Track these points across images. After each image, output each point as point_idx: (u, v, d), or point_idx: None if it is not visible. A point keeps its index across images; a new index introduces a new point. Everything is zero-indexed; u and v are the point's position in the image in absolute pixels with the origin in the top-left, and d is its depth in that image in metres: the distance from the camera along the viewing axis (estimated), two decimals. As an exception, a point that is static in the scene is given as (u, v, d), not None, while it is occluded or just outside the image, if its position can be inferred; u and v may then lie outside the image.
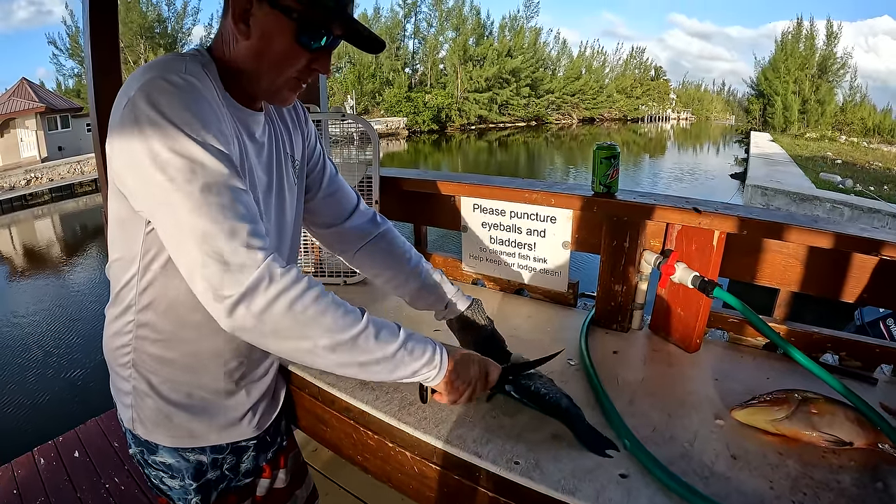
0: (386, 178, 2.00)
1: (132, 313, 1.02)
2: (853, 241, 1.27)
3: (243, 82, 0.98)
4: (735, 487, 0.95)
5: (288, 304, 0.82)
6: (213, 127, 0.85)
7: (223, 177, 0.83)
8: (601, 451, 1.05)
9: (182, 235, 0.81)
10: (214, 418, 1.11)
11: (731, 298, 1.27)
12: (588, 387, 1.28)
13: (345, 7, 0.94)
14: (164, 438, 1.08)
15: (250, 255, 0.81)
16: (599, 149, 1.52)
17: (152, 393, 1.06)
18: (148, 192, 0.84)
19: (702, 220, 1.38)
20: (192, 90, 0.85)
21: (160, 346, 1.04)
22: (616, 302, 1.57)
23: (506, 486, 1.02)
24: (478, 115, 51.24)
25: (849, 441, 1.04)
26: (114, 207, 0.97)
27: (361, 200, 1.36)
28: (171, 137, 0.80)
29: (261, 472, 1.27)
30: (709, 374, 1.35)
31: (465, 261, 1.95)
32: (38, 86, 28.27)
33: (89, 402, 5.91)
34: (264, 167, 1.06)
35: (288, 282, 0.82)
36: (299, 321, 0.83)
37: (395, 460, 1.22)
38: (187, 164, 0.80)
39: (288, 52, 0.93)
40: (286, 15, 0.89)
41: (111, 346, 1.08)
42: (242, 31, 0.92)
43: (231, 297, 0.79)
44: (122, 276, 1.01)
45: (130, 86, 0.85)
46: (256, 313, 0.80)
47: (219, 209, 0.81)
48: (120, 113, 0.84)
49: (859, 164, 22.48)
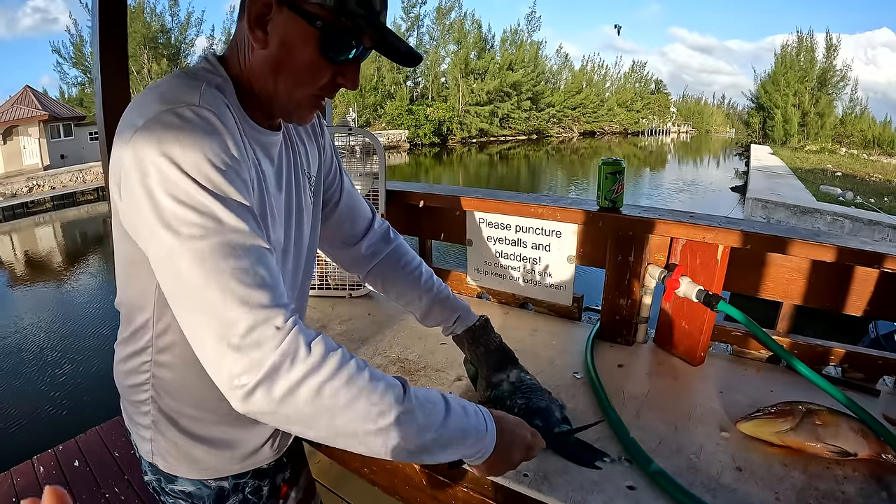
0: (392, 191, 2.03)
1: (149, 354, 0.94)
2: (855, 255, 1.29)
3: (260, 99, 0.88)
4: (741, 499, 0.96)
5: (315, 390, 0.69)
6: (231, 173, 0.74)
7: (241, 235, 0.72)
8: (591, 463, 1.06)
9: (188, 305, 0.71)
10: (237, 450, 1.05)
11: (736, 312, 1.29)
12: (594, 400, 1.29)
13: (377, 15, 0.83)
14: (185, 471, 1.02)
15: (270, 331, 0.69)
16: (605, 164, 1.54)
17: (172, 429, 0.99)
18: (151, 246, 0.73)
19: (706, 235, 1.40)
20: (208, 128, 0.74)
21: (181, 387, 0.96)
22: (621, 316, 1.59)
23: (515, 499, 1.03)
24: (479, 128, 51.35)
25: (853, 452, 1.05)
26: (121, 248, 0.87)
27: (376, 215, 1.31)
28: (178, 185, 0.69)
29: (279, 492, 1.23)
30: (714, 387, 1.36)
31: (469, 274, 1.97)
32: (41, 94, 28.47)
33: (89, 411, 5.91)
34: (282, 191, 0.98)
35: (316, 360, 0.69)
36: (326, 409, 0.69)
37: (404, 473, 1.23)
38: (199, 217, 0.69)
39: (310, 64, 0.82)
40: (310, 22, 0.78)
41: (127, 383, 1.00)
42: (259, 39, 0.81)
43: (246, 385, 0.67)
44: (135, 317, 0.93)
45: (137, 114, 0.74)
46: (277, 399, 0.68)
47: (231, 275, 0.69)
48: (123, 145, 0.73)
49: (859, 176, 22.54)
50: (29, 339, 8.36)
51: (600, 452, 1.09)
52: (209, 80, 0.82)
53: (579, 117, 64.18)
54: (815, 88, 49.94)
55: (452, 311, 1.29)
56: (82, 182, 23.72)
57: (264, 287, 0.71)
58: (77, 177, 23.84)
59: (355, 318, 1.82)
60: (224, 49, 0.90)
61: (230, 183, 0.73)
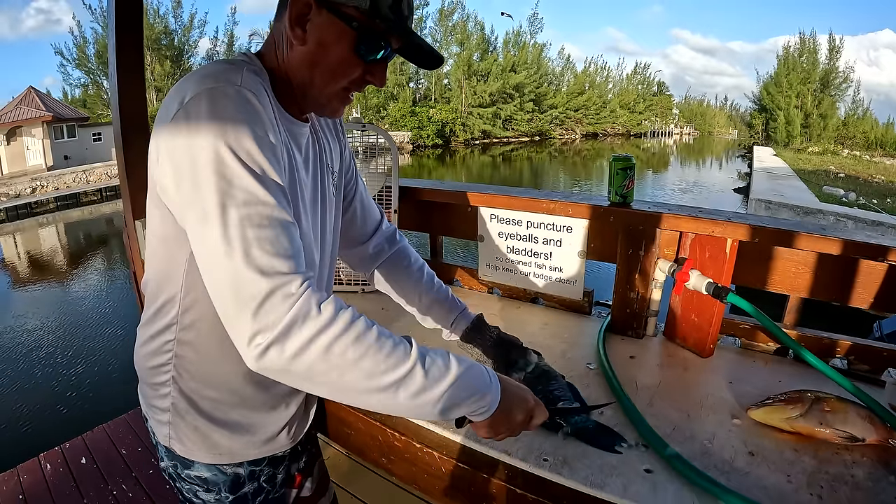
0: (404, 188, 2.06)
1: (173, 332, 0.98)
2: (860, 248, 1.32)
3: (294, 92, 0.94)
4: (755, 482, 0.99)
5: (325, 347, 0.73)
6: (266, 150, 0.79)
7: (270, 208, 0.77)
8: (611, 447, 1.10)
9: (212, 266, 0.76)
10: (255, 434, 1.08)
11: (745, 303, 1.32)
12: (608, 389, 1.32)
13: (405, 20, 0.90)
14: (203, 455, 1.05)
15: (285, 295, 0.73)
16: (616, 160, 1.57)
17: (192, 411, 1.02)
18: (186, 212, 0.79)
19: (715, 229, 1.44)
20: (250, 106, 0.80)
21: (202, 365, 1.00)
22: (632, 309, 1.62)
23: (535, 483, 1.07)
24: (482, 129, 51.46)
25: (861, 437, 1.08)
26: (155, 221, 0.92)
27: (384, 217, 1.36)
28: (219, 155, 0.75)
29: (293, 481, 1.25)
30: (723, 378, 1.39)
31: (480, 270, 2.00)
32: (45, 95, 28.63)
33: (96, 409, 5.96)
34: (310, 181, 1.03)
35: (326, 319, 0.74)
36: (336, 365, 0.74)
37: (423, 461, 1.26)
38: (231, 187, 0.75)
39: (344, 61, 0.89)
40: (346, 23, 0.86)
41: (148, 364, 1.04)
42: (298, 37, 0.88)
43: (261, 345, 0.72)
44: (162, 293, 0.97)
45: (183, 91, 0.80)
46: (289, 356, 0.72)
47: (256, 242, 0.75)
48: (169, 119, 0.79)
49: (862, 177, 22.52)
50: (34, 339, 8.40)
51: (620, 437, 1.12)
52: (249, 67, 0.88)
53: (582, 119, 64.28)
54: (817, 90, 49.87)
55: (450, 311, 1.32)
56: (86, 183, 23.84)
57: (285, 256, 0.76)
58: (80, 177, 23.95)
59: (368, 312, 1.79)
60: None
61: (266, 159, 0.79)
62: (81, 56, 40.82)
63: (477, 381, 0.86)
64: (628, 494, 0.97)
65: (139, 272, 2.32)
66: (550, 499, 1.05)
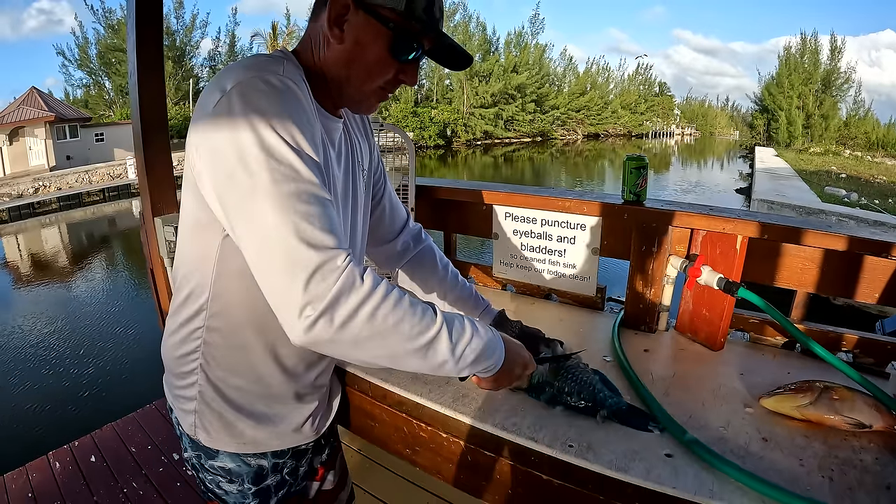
0: (420, 186, 2.11)
1: (202, 319, 1.00)
2: (865, 244, 1.38)
3: (330, 88, 0.98)
4: (769, 465, 1.05)
5: (369, 314, 0.78)
6: (307, 134, 0.83)
7: (313, 185, 0.80)
8: (644, 426, 1.16)
9: (261, 240, 0.78)
10: (279, 425, 1.10)
11: (755, 297, 1.38)
12: (625, 380, 1.37)
13: (437, 22, 0.94)
14: (227, 445, 1.07)
15: (332, 268, 0.76)
16: (630, 160, 1.63)
17: (218, 399, 1.04)
18: (230, 191, 0.81)
19: (725, 226, 1.49)
20: (291, 94, 0.84)
21: (230, 353, 1.02)
22: (644, 304, 1.67)
23: (560, 468, 1.12)
24: (483, 130, 51.44)
25: (868, 424, 1.13)
26: (189, 209, 0.95)
27: (411, 216, 1.39)
28: (265, 136, 0.78)
29: (315, 474, 1.27)
30: (734, 370, 1.44)
31: (495, 267, 2.05)
32: (47, 95, 28.67)
33: (103, 408, 6.00)
34: (342, 176, 1.06)
35: (368, 288, 0.78)
36: (379, 330, 0.79)
37: (448, 450, 1.30)
38: (279, 165, 0.78)
39: (380, 60, 0.93)
40: (383, 24, 0.89)
41: (175, 353, 1.06)
42: (336, 36, 0.92)
43: (311, 316, 0.75)
44: (192, 279, 0.99)
45: (224, 81, 0.83)
46: (338, 325, 0.76)
47: (303, 218, 0.77)
48: (210, 108, 0.82)
49: (864, 177, 22.58)
50: (41, 339, 8.44)
51: (651, 417, 1.18)
52: (289, 60, 0.93)
53: (583, 119, 64.21)
54: (819, 90, 49.86)
55: (474, 308, 1.37)
56: (88, 183, 23.90)
57: (331, 231, 0.80)
58: (83, 178, 24.03)
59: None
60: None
61: (308, 142, 0.83)
62: (83, 56, 40.77)
63: (492, 339, 0.96)
64: (651, 477, 1.02)
65: (158, 269, 2.36)
66: (576, 483, 1.10)
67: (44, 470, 2.72)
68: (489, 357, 0.95)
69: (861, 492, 0.98)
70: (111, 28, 39.08)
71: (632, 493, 1.04)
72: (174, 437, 2.88)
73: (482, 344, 0.93)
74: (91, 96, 41.31)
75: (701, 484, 1.00)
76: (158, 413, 3.20)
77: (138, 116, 2.05)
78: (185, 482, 2.60)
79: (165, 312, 2.27)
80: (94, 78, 41.54)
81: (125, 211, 21.20)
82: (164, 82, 2.14)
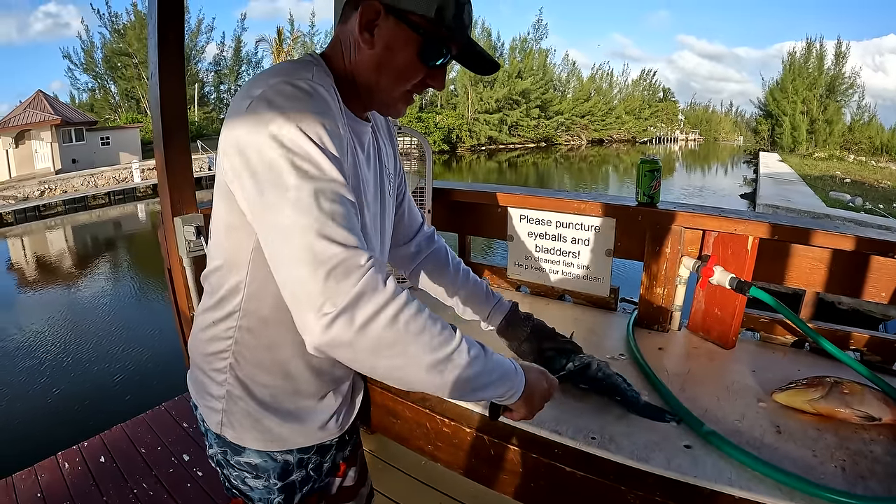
0: (437, 189, 2.16)
1: (235, 319, 1.01)
2: (873, 244, 1.43)
3: (359, 92, 0.99)
4: (784, 455, 1.09)
5: (392, 317, 0.76)
6: (335, 139, 0.83)
7: (340, 186, 0.81)
8: (661, 418, 1.21)
9: (283, 235, 0.78)
10: (305, 422, 1.11)
11: (766, 296, 1.42)
12: (642, 377, 1.42)
13: (466, 28, 0.96)
14: (254, 442, 1.07)
15: (355, 266, 0.76)
16: (644, 163, 1.68)
17: (246, 397, 1.05)
18: (255, 188, 0.81)
19: (737, 227, 1.53)
20: (319, 97, 0.85)
21: (261, 352, 1.03)
22: (658, 304, 1.72)
23: (583, 460, 1.16)
24: (488, 136, 51.48)
25: (878, 417, 1.18)
26: (221, 212, 0.96)
27: (425, 219, 1.42)
28: (291, 135, 0.79)
29: (338, 470, 1.28)
30: (746, 367, 1.49)
31: (510, 268, 2.09)
32: (53, 98, 28.79)
33: (111, 409, 5.98)
34: (372, 178, 1.07)
35: (391, 292, 0.77)
36: (401, 336, 0.77)
37: (471, 446, 1.35)
38: (307, 164, 0.79)
39: (409, 65, 0.94)
40: (413, 30, 0.91)
41: (205, 351, 1.07)
42: (366, 41, 0.93)
43: (330, 314, 0.74)
44: (225, 282, 1.00)
45: (254, 87, 0.85)
46: (359, 326, 0.74)
47: (329, 216, 0.77)
48: (243, 111, 0.83)
49: (868, 182, 22.60)
50: (48, 340, 8.46)
51: (667, 411, 1.24)
52: (318, 66, 0.94)
53: (588, 125, 64.13)
54: (823, 95, 49.90)
55: (486, 303, 1.39)
56: (94, 186, 24.01)
57: (354, 231, 0.80)
58: (89, 181, 24.14)
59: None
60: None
61: (334, 144, 0.83)
62: (89, 60, 40.90)
63: (506, 363, 0.94)
64: (672, 466, 1.07)
65: (176, 268, 2.38)
66: (598, 474, 1.15)
67: (53, 470, 2.70)
68: (507, 380, 0.94)
69: (873, 480, 1.02)
70: (117, 32, 39.35)
71: (653, 483, 1.09)
72: (184, 438, 2.90)
73: (502, 366, 0.92)
74: (96, 100, 41.46)
75: (720, 473, 1.05)
76: (168, 414, 3.19)
77: (159, 116, 2.07)
78: (195, 483, 2.59)
79: (183, 312, 2.30)
80: (99, 82, 41.73)
81: (130, 214, 21.29)
82: (185, 82, 2.14)
